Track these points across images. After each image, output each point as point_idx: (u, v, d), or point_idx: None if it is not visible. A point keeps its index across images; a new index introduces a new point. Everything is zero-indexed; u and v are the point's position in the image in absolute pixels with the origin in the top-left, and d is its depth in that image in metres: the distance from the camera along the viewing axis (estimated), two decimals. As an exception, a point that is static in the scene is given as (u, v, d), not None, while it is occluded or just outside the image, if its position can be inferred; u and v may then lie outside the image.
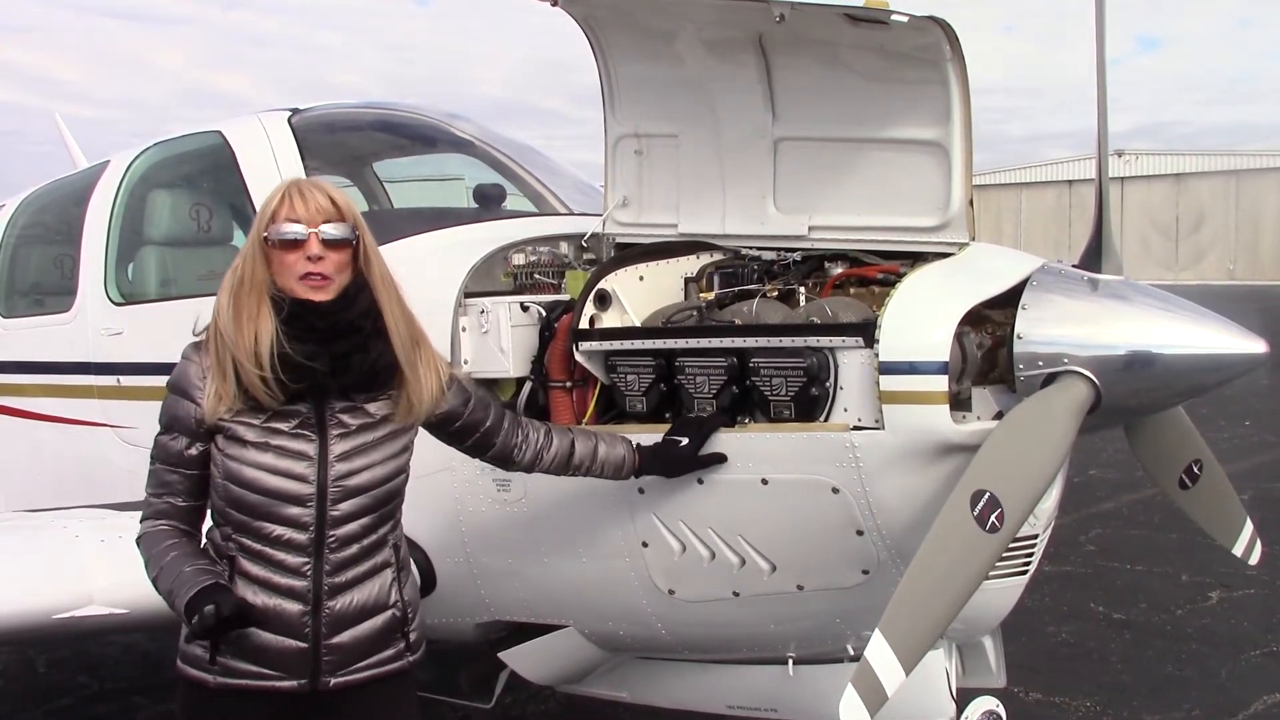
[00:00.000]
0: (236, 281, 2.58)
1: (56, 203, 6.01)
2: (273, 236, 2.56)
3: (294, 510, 2.61)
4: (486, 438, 2.95)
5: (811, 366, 3.08)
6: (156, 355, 4.72)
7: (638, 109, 3.67)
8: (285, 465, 2.59)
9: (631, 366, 3.33)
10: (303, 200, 2.57)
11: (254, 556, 2.63)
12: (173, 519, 2.66)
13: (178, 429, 2.63)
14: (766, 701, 3.67)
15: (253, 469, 2.59)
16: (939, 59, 3.04)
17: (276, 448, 2.59)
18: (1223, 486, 3.89)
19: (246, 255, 2.60)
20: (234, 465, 2.59)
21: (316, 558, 2.63)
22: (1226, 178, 45.74)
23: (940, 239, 3.21)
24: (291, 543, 2.62)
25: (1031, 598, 4.85)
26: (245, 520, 2.62)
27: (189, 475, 2.65)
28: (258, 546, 2.62)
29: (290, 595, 2.63)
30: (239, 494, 2.60)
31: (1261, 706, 5.34)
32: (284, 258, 2.57)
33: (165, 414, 2.65)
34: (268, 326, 2.53)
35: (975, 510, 2.73)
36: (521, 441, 3.00)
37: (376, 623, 2.72)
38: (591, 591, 3.59)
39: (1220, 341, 2.96)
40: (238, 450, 2.59)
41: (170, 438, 2.64)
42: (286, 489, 2.60)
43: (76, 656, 6.30)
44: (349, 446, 2.64)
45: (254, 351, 2.52)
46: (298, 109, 4.84)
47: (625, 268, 3.52)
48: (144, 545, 2.65)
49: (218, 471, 2.62)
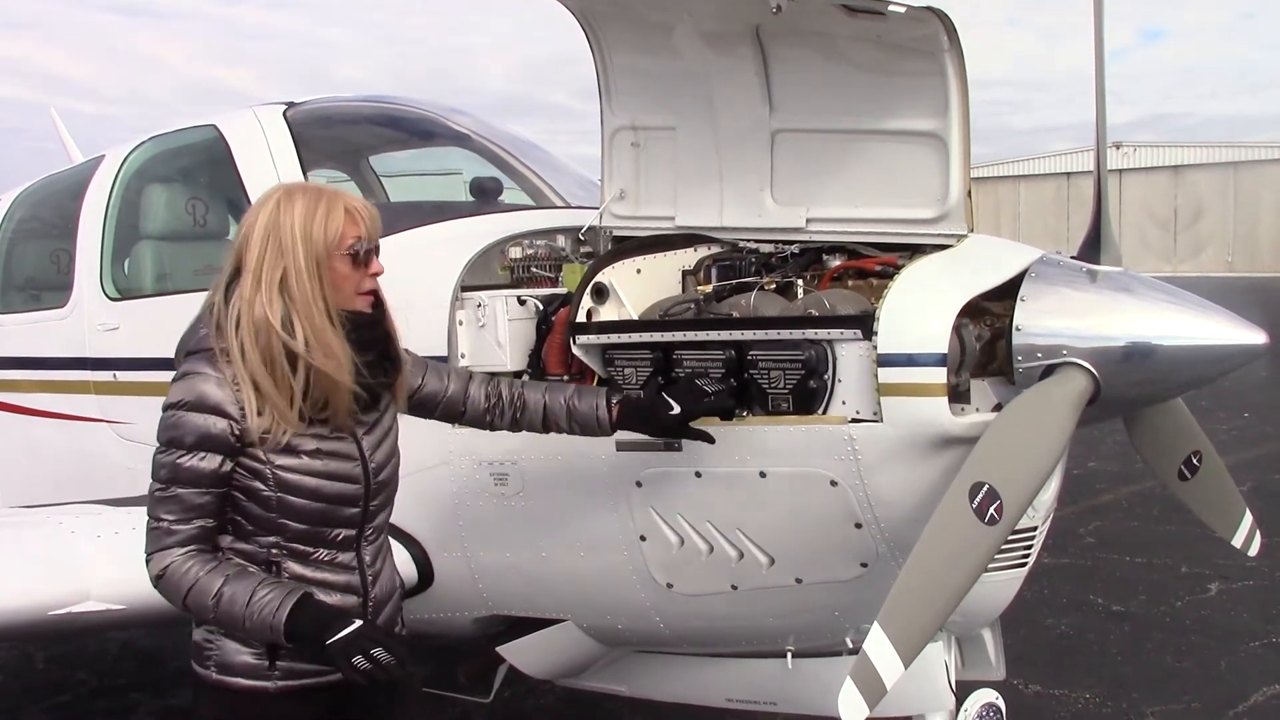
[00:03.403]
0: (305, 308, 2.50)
1: (52, 197, 5.99)
2: (355, 251, 2.56)
3: (349, 511, 2.66)
4: (451, 406, 2.99)
5: (810, 359, 3.07)
6: (153, 350, 4.71)
7: (635, 101, 3.65)
8: (340, 468, 2.62)
9: (629, 359, 3.32)
10: (364, 216, 2.60)
11: (310, 562, 2.62)
12: (201, 542, 2.53)
13: (208, 447, 2.49)
14: (766, 695, 3.67)
15: (314, 477, 2.57)
16: (937, 50, 3.03)
17: (329, 452, 2.59)
18: (1222, 478, 3.89)
19: (302, 275, 2.50)
20: (292, 477, 2.55)
21: (359, 551, 2.71)
22: (1225, 169, 45.78)
23: (938, 231, 3.20)
24: (345, 541, 2.67)
25: (1031, 590, 4.84)
26: (299, 528, 2.60)
27: (219, 495, 2.54)
28: (316, 551, 2.63)
29: (348, 591, 2.69)
30: (296, 504, 2.57)
31: (1261, 698, 5.35)
32: (350, 274, 2.58)
33: (189, 433, 2.48)
34: (347, 349, 2.55)
35: (974, 502, 2.72)
36: (494, 405, 3.02)
37: (395, 601, 2.85)
38: (590, 586, 3.58)
39: (1220, 333, 2.94)
40: (293, 460, 2.55)
41: (198, 458, 2.49)
42: (345, 492, 2.63)
43: (75, 653, 6.31)
44: (373, 441, 2.70)
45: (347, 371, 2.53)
46: (293, 102, 4.81)
47: (622, 261, 3.51)
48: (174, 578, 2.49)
49: (267, 485, 2.55)
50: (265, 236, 2.53)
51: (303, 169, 4.43)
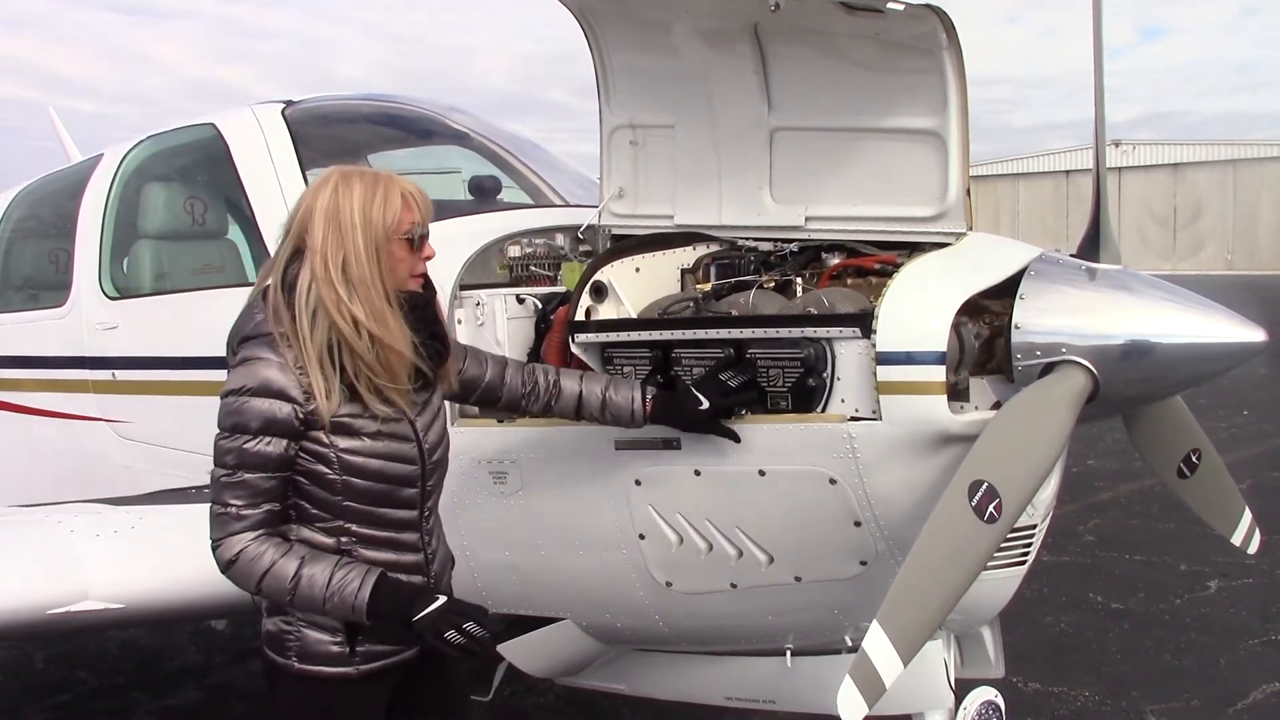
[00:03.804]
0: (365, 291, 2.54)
1: (51, 196, 5.99)
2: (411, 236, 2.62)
3: (409, 492, 2.71)
4: (490, 390, 3.03)
5: (808, 357, 3.07)
6: (151, 349, 4.72)
7: (633, 100, 3.65)
8: (400, 449, 2.66)
9: (628, 358, 3.32)
10: (417, 201, 2.65)
11: (374, 544, 2.67)
12: (269, 526, 2.57)
13: (274, 432, 2.52)
14: (765, 693, 3.67)
15: (377, 459, 2.63)
16: (935, 48, 3.03)
17: (389, 434, 2.64)
18: (1221, 476, 3.88)
19: (362, 258, 2.54)
20: (356, 459, 2.60)
21: (420, 530, 2.76)
22: (1224, 168, 45.76)
23: (937, 229, 3.20)
24: (407, 522, 2.73)
25: (1030, 588, 4.85)
26: (366, 510, 2.65)
27: (284, 479, 2.58)
28: (380, 534, 2.68)
29: (414, 570, 2.74)
30: (361, 485, 2.62)
31: (1260, 695, 5.34)
32: (405, 258, 2.63)
33: (254, 418, 2.51)
34: (406, 329, 2.61)
35: (973, 500, 2.72)
36: (530, 391, 3.07)
37: (449, 577, 2.94)
38: (589, 584, 3.58)
39: (1219, 330, 2.94)
40: (356, 443, 2.59)
41: (264, 442, 2.52)
42: (404, 472, 2.68)
43: (74, 652, 6.31)
44: (425, 421, 2.74)
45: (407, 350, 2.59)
46: (291, 101, 4.82)
47: (621, 259, 3.51)
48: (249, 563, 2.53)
49: (331, 469, 2.59)
50: (326, 220, 2.56)
51: (301, 167, 4.43)
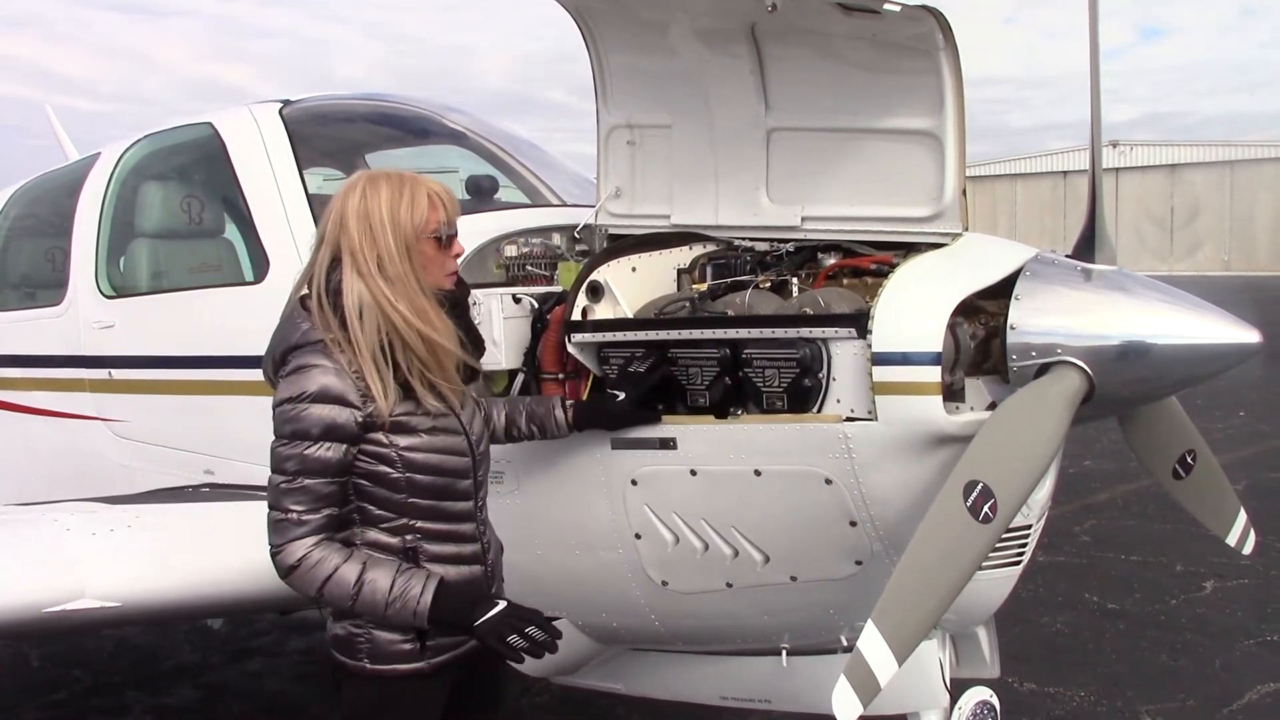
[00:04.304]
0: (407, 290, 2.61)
1: (47, 195, 5.98)
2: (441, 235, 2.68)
3: (465, 483, 2.78)
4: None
5: (804, 357, 3.08)
6: (148, 348, 4.71)
7: (630, 100, 3.65)
8: (453, 442, 2.73)
9: (624, 358, 3.32)
10: (445, 202, 2.71)
11: (438, 538, 2.73)
12: (329, 531, 2.62)
13: (335, 438, 2.57)
14: (760, 693, 3.67)
15: (436, 454, 2.69)
16: (932, 48, 3.03)
17: (442, 429, 2.71)
18: (1216, 476, 3.89)
19: (394, 257, 2.61)
20: (417, 456, 2.67)
21: (476, 521, 2.82)
22: (1221, 168, 45.78)
23: (933, 229, 3.20)
24: (466, 513, 2.79)
25: (1026, 588, 4.86)
26: (429, 505, 2.71)
27: (343, 484, 2.64)
28: (443, 527, 2.74)
29: (474, 561, 2.81)
30: (423, 481, 2.69)
31: (1255, 696, 5.35)
32: (436, 256, 2.70)
33: (314, 425, 2.55)
34: (450, 324, 2.68)
35: (968, 501, 2.72)
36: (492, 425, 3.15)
37: (501, 561, 2.98)
38: (585, 583, 3.58)
39: (1214, 331, 2.94)
40: (414, 440, 2.66)
41: (325, 448, 2.57)
42: (460, 465, 2.75)
43: (70, 651, 6.31)
44: (468, 415, 2.80)
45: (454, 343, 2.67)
46: (289, 100, 4.81)
47: (618, 259, 3.51)
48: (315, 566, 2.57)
49: (394, 468, 2.65)
50: (359, 222, 2.63)
51: (298, 167, 4.43)
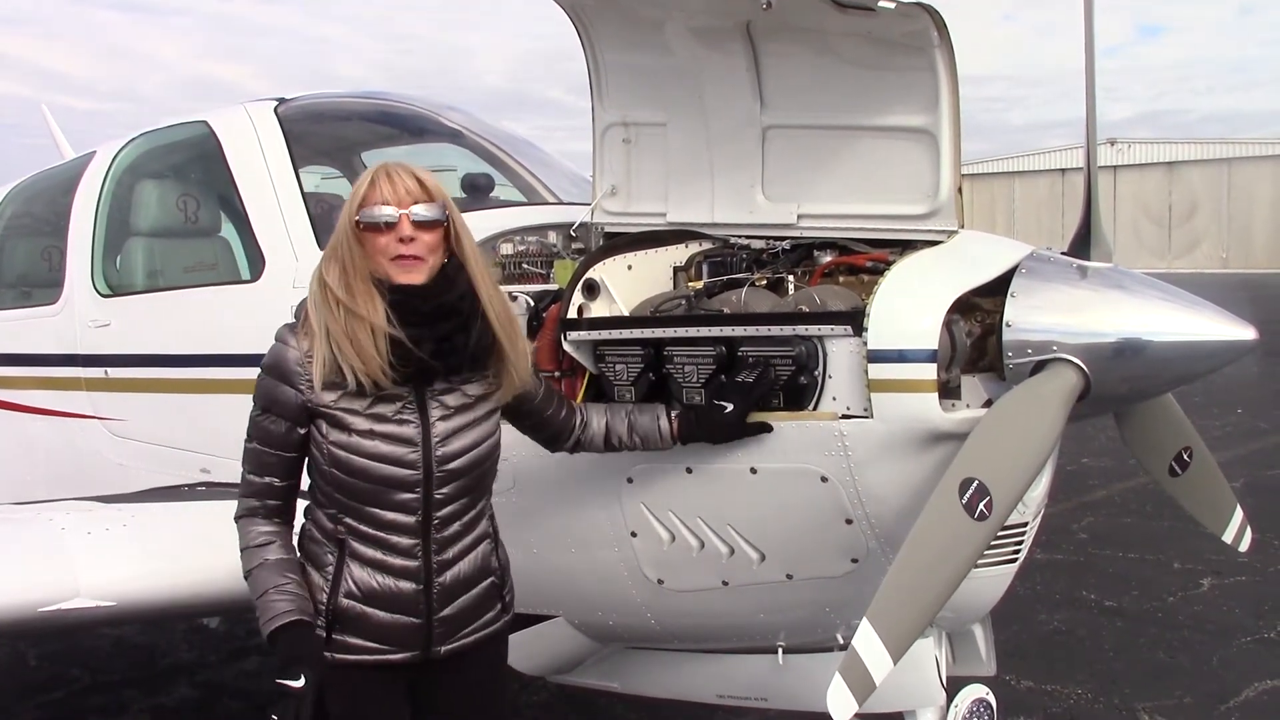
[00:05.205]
0: (341, 268, 2.59)
1: (43, 194, 5.98)
2: (364, 220, 2.59)
3: (402, 495, 2.66)
4: (542, 418, 3.04)
5: (800, 355, 3.07)
6: (144, 347, 4.71)
7: (626, 97, 3.64)
8: (392, 451, 2.63)
9: (620, 356, 3.32)
10: (390, 183, 2.61)
11: (365, 540, 2.69)
12: (270, 498, 2.69)
13: (277, 412, 2.64)
14: (756, 691, 3.67)
15: (361, 457, 2.62)
16: (927, 46, 3.03)
17: (383, 434, 2.62)
18: (1213, 474, 3.89)
19: (341, 242, 2.61)
20: (341, 453, 2.62)
21: (425, 538, 2.70)
22: (1219, 166, 45.80)
23: (929, 227, 3.20)
24: (401, 526, 2.68)
25: (1023, 585, 4.86)
26: (355, 506, 2.67)
27: (287, 457, 2.67)
28: (369, 530, 2.68)
29: (404, 576, 2.70)
30: (348, 481, 2.64)
31: (1253, 693, 5.36)
32: (376, 241, 2.60)
33: (263, 396, 2.66)
34: (380, 310, 2.57)
35: (964, 498, 2.72)
36: (567, 422, 3.07)
37: (479, 591, 2.83)
38: (581, 582, 3.58)
39: (1210, 328, 2.94)
40: (343, 437, 2.62)
41: (269, 420, 2.65)
42: (395, 475, 2.64)
43: (67, 650, 6.30)
44: (450, 428, 2.69)
45: (373, 336, 2.54)
46: (284, 98, 4.81)
47: (613, 257, 3.50)
48: (241, 529, 2.70)
49: (323, 458, 2.64)
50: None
51: (294, 165, 4.43)
